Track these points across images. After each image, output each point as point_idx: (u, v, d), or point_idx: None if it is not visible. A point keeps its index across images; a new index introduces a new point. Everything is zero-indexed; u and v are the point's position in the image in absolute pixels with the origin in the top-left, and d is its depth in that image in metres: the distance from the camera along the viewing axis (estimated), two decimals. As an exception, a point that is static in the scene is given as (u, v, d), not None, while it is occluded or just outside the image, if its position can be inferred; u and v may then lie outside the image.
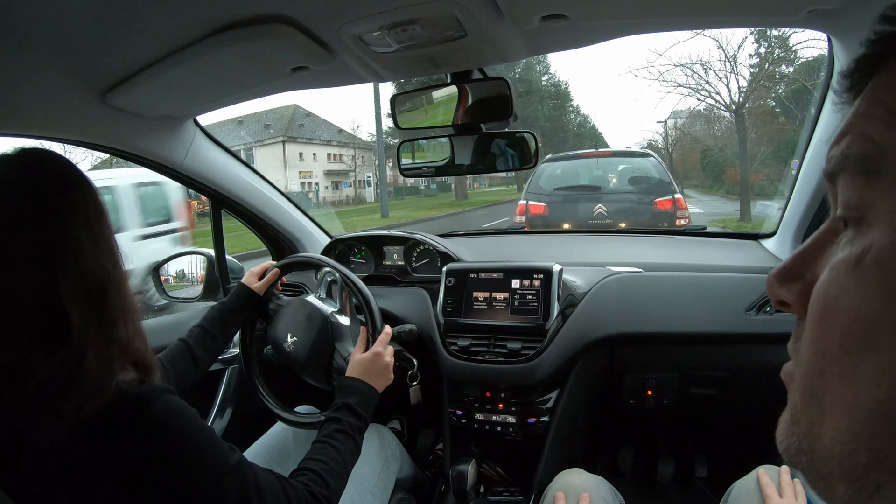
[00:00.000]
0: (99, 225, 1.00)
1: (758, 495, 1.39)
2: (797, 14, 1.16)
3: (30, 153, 0.99)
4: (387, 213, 26.02)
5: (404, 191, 43.03)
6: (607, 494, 1.51)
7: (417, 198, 41.56)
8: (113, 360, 0.93)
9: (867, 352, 0.34)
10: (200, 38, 1.20)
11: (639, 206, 8.13)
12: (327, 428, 1.39)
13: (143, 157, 1.83)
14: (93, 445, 0.88)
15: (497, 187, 49.43)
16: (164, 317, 2.36)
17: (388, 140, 36.94)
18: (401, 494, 1.92)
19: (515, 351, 1.88)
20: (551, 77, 44.30)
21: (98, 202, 1.02)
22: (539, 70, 41.64)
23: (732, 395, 1.99)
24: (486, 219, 21.55)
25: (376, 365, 1.60)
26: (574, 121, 48.32)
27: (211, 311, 1.81)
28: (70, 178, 0.99)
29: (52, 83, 1.34)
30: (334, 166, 44.43)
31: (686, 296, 1.93)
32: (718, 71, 24.33)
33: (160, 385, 0.98)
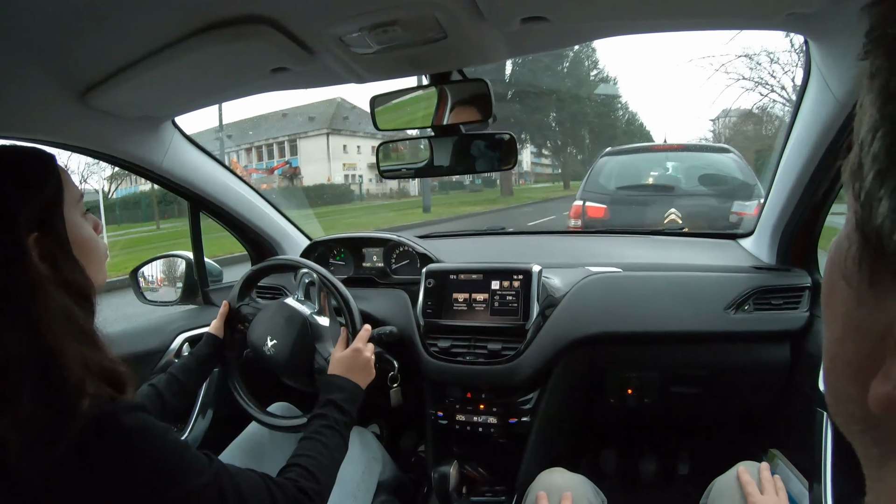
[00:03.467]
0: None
1: (738, 492, 1.40)
2: (776, 17, 1.18)
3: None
4: (429, 208, 25.38)
5: (448, 185, 42.03)
6: (590, 493, 1.52)
7: (462, 193, 40.53)
8: (82, 378, 0.90)
9: (824, 326, 0.41)
10: (181, 38, 1.19)
11: (716, 212, 6.29)
12: (313, 424, 1.39)
13: (122, 159, 1.81)
14: (63, 469, 0.86)
15: (543, 184, 48.25)
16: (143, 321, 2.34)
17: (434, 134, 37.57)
18: (384, 497, 1.91)
19: (496, 352, 1.88)
20: (600, 72, 42.69)
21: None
22: (587, 65, 40.46)
23: (713, 393, 2.00)
24: (531, 216, 20.87)
25: (357, 361, 1.60)
26: (623, 118, 46.93)
27: (181, 361, 1.82)
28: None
29: (29, 83, 1.32)
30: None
31: (666, 295, 1.95)
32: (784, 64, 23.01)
33: (130, 402, 0.96)
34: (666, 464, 2.43)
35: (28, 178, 0.98)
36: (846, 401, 0.38)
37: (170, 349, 2.16)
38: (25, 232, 0.93)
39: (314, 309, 1.84)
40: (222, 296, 2.26)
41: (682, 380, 1.99)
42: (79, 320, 0.95)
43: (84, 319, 0.97)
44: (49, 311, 0.90)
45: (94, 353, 0.95)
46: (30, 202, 0.96)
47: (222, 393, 2.15)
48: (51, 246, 0.96)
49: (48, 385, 0.85)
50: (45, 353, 0.87)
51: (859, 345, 0.36)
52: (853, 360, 0.37)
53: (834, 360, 0.40)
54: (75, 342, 0.91)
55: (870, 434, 0.37)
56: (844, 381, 0.38)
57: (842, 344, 0.38)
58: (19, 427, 0.82)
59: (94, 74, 1.36)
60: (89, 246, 1.08)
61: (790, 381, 1.87)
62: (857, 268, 0.35)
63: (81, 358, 0.91)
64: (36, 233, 0.94)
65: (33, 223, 0.95)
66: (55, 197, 1.01)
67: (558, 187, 42.00)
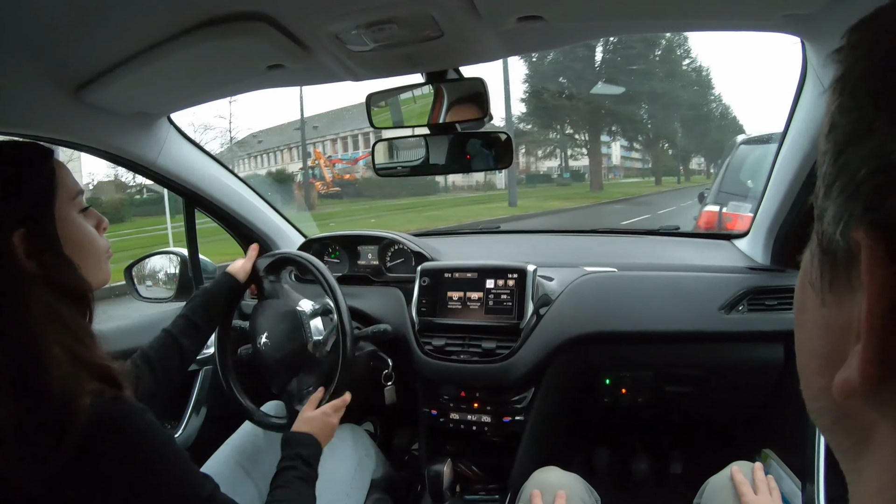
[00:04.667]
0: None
1: (732, 491, 1.40)
2: (771, 18, 1.18)
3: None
4: (515, 202, 24.56)
5: (536, 179, 40.73)
6: (583, 492, 1.52)
7: (549, 186, 39.02)
8: (69, 379, 0.88)
9: (797, 328, 0.46)
10: (176, 34, 1.19)
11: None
12: (286, 475, 1.39)
13: (116, 155, 1.81)
14: (64, 473, 0.85)
15: (632, 178, 46.50)
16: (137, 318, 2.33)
17: (521, 125, 35.35)
18: (377, 495, 1.91)
19: (490, 350, 1.89)
20: (692, 61, 39.55)
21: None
22: (679, 53, 37.72)
23: (706, 393, 2.01)
24: (622, 215, 19.85)
25: (325, 426, 1.59)
26: (716, 109, 44.08)
27: (193, 301, 1.77)
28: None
29: (23, 79, 1.32)
30: None
31: (660, 295, 1.95)
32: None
33: (133, 404, 0.95)
34: (659, 463, 2.43)
35: (13, 174, 0.97)
36: (817, 395, 0.42)
37: None
38: (9, 228, 0.92)
39: (311, 308, 1.84)
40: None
41: (675, 379, 1.99)
42: (66, 319, 0.94)
43: (73, 318, 0.96)
44: (30, 309, 0.89)
45: (86, 351, 0.94)
46: (14, 198, 0.95)
47: (215, 392, 2.15)
48: (38, 243, 0.96)
49: (29, 388, 0.84)
50: (24, 355, 0.86)
51: (825, 341, 0.40)
52: (821, 355, 0.41)
53: (806, 358, 0.44)
54: (63, 341, 0.90)
55: (841, 425, 0.41)
56: (815, 376, 0.41)
57: (812, 343, 0.42)
58: (4, 433, 0.82)
59: (89, 70, 1.36)
60: (85, 243, 1.07)
61: (783, 381, 1.88)
62: (819, 274, 0.40)
63: (71, 357, 0.90)
64: (22, 229, 0.93)
65: (18, 219, 0.94)
66: (44, 193, 1.00)
67: (649, 183, 40.68)
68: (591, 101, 33.78)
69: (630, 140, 42.88)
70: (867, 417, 0.37)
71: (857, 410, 0.38)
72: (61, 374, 0.86)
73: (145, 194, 27.65)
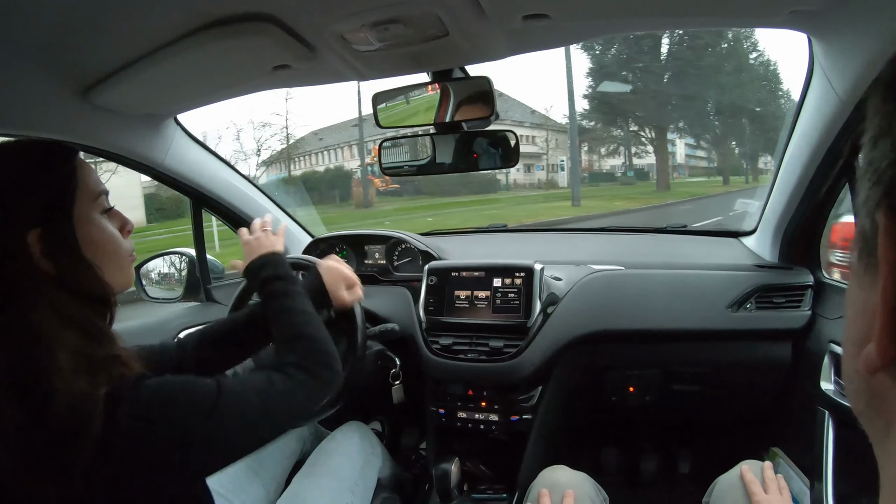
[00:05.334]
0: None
1: (741, 490, 1.40)
2: (778, 15, 1.17)
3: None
4: (578, 202, 22.87)
5: (599, 177, 39.15)
6: (591, 491, 1.52)
7: (613, 185, 37.03)
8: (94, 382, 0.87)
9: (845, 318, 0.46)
10: (183, 35, 1.19)
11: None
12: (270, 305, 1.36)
13: (124, 156, 1.81)
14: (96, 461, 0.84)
15: (697, 178, 42.79)
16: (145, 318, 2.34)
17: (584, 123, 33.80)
18: (384, 493, 1.91)
19: (498, 349, 1.88)
20: (760, 55, 35.85)
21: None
22: (746, 46, 34.58)
23: (714, 391, 2.00)
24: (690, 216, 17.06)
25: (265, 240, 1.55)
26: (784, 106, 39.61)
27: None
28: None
29: (32, 81, 1.32)
30: (526, 148, 39.65)
31: (667, 293, 1.95)
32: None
33: (134, 375, 0.94)
34: (667, 462, 2.43)
35: (31, 173, 0.96)
36: (853, 377, 0.43)
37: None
38: (25, 227, 0.91)
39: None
40: (225, 293, 2.26)
41: (683, 378, 1.99)
42: (80, 321, 0.93)
43: (89, 321, 0.95)
44: (38, 310, 0.89)
45: (100, 350, 0.93)
46: (31, 197, 0.94)
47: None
48: (54, 243, 0.94)
49: (32, 394, 0.84)
50: (27, 356, 0.85)
51: (859, 325, 0.41)
52: (856, 340, 0.41)
53: (846, 344, 0.44)
54: (77, 344, 0.90)
55: (873, 405, 0.41)
56: (851, 360, 0.42)
57: (850, 329, 0.43)
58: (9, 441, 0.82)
59: (97, 72, 1.36)
60: (106, 245, 1.05)
61: (791, 379, 1.87)
62: (857, 258, 0.42)
63: (85, 359, 0.89)
64: (38, 229, 0.92)
65: (34, 218, 0.93)
66: (63, 192, 0.98)
67: (716, 182, 38.00)
68: (658, 96, 32.53)
69: (697, 137, 40.84)
70: (894, 396, 0.39)
71: (884, 389, 0.39)
72: (69, 379, 0.85)
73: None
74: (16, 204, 0.92)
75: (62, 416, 0.83)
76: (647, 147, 36.15)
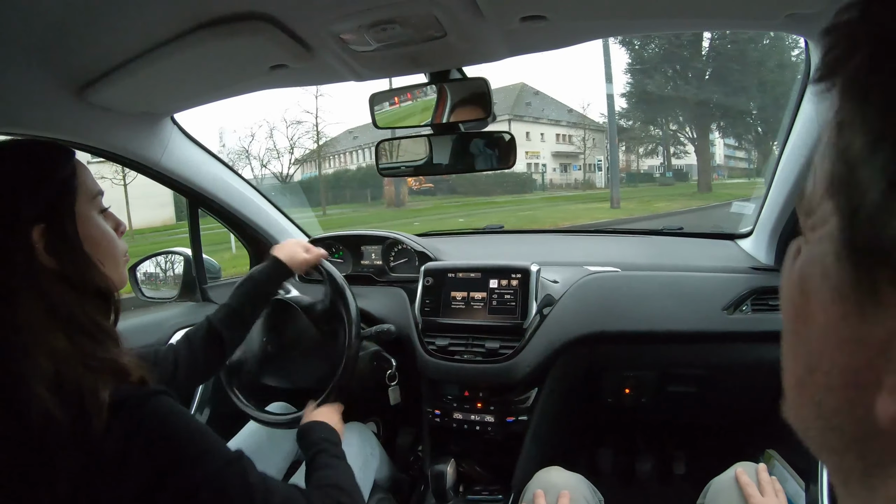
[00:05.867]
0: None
1: (736, 492, 1.40)
2: (776, 18, 1.18)
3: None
4: (618, 203, 22.02)
5: (637, 178, 38.12)
6: (587, 492, 1.52)
7: (651, 186, 36.02)
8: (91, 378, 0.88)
9: (792, 333, 0.44)
10: (180, 34, 1.19)
11: None
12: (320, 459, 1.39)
13: (120, 155, 1.81)
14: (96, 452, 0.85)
15: (737, 179, 40.20)
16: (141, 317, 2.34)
17: (622, 122, 32.70)
18: (380, 494, 1.91)
19: (493, 350, 1.88)
20: (801, 52, 35.16)
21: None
22: (788, 42, 31.76)
23: (709, 393, 2.01)
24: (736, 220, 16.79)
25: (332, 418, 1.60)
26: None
27: (240, 288, 1.71)
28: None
29: (27, 79, 1.32)
30: (563, 147, 40.36)
31: (663, 295, 1.95)
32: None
33: (152, 389, 0.95)
34: (662, 463, 2.43)
35: (36, 170, 0.98)
36: (830, 414, 0.39)
37: (168, 344, 2.16)
38: (29, 223, 0.93)
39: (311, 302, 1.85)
40: (221, 293, 2.26)
41: (679, 379, 1.99)
42: (80, 318, 0.94)
43: (88, 317, 0.96)
44: (36, 304, 0.89)
45: (101, 350, 0.93)
46: (36, 193, 0.95)
47: (219, 391, 2.15)
48: (58, 239, 0.96)
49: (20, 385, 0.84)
50: (17, 351, 0.86)
51: (851, 357, 0.36)
52: (844, 372, 0.37)
53: (813, 373, 0.40)
54: (77, 341, 0.91)
55: (855, 448, 0.38)
56: (829, 394, 0.38)
57: (824, 356, 0.39)
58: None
59: (92, 70, 1.36)
60: (104, 244, 1.06)
61: (787, 381, 1.87)
62: (853, 281, 0.35)
63: (83, 356, 0.90)
64: (42, 225, 0.94)
65: (38, 215, 0.94)
66: (65, 190, 1.00)
67: (755, 184, 35.36)
68: (699, 93, 30.65)
69: (738, 137, 38.43)
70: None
71: (889, 434, 0.34)
72: (63, 376, 0.86)
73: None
74: (21, 199, 0.93)
75: (52, 412, 0.83)
76: (686, 147, 35.46)
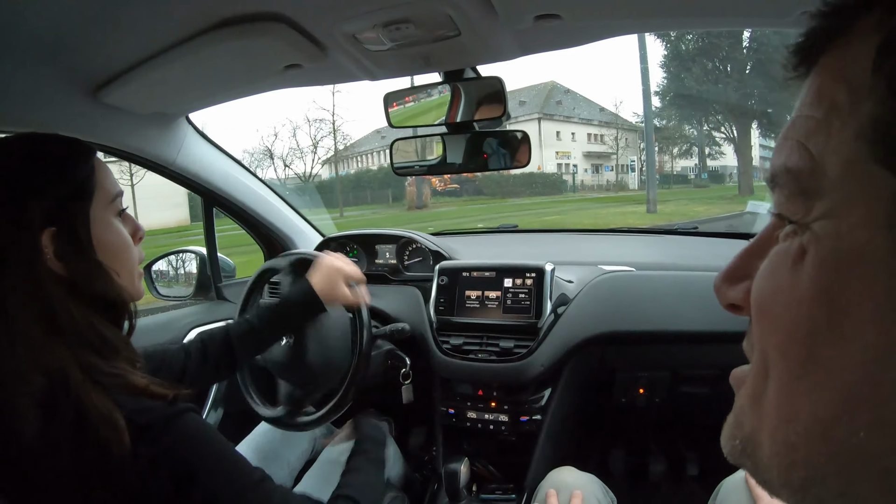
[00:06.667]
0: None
1: (746, 493, 1.39)
2: (789, 15, 1.17)
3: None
4: (654, 207, 20.54)
5: (671, 179, 36.75)
6: (599, 492, 1.51)
7: (686, 188, 35.34)
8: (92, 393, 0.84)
9: (807, 363, 0.34)
10: (194, 35, 1.19)
11: None
12: (358, 459, 1.39)
13: (135, 155, 1.82)
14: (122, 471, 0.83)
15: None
16: (156, 316, 2.35)
17: (656, 121, 31.56)
18: (393, 493, 1.91)
19: (508, 349, 1.88)
20: None
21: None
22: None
23: (723, 394, 1.98)
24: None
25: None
26: None
27: (269, 311, 1.59)
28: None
29: (43, 80, 1.33)
30: (594, 147, 39.72)
31: (678, 295, 1.94)
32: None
33: (179, 406, 0.93)
34: (675, 464, 2.42)
35: (49, 169, 0.93)
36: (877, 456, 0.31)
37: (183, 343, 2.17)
38: (39, 226, 0.89)
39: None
40: (235, 291, 2.27)
41: (692, 380, 1.98)
42: (84, 330, 0.91)
43: (94, 329, 0.92)
44: (32, 315, 0.86)
45: (109, 365, 0.90)
46: (47, 193, 0.91)
47: (232, 389, 2.16)
48: (68, 244, 0.92)
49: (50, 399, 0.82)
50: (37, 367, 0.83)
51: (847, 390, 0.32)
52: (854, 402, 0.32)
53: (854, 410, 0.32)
54: (79, 353, 0.88)
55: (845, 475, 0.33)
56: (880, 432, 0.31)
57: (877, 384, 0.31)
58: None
59: (108, 71, 1.37)
60: (120, 250, 1.02)
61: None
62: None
63: (87, 371, 0.86)
64: (52, 228, 0.90)
65: (49, 217, 0.90)
66: (80, 192, 0.96)
67: None
68: (739, 87, 29.58)
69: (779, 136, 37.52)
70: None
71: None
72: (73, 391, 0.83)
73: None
74: (32, 199, 0.89)
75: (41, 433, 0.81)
76: (721, 147, 34.32)
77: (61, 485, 0.82)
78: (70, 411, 0.82)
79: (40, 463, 0.81)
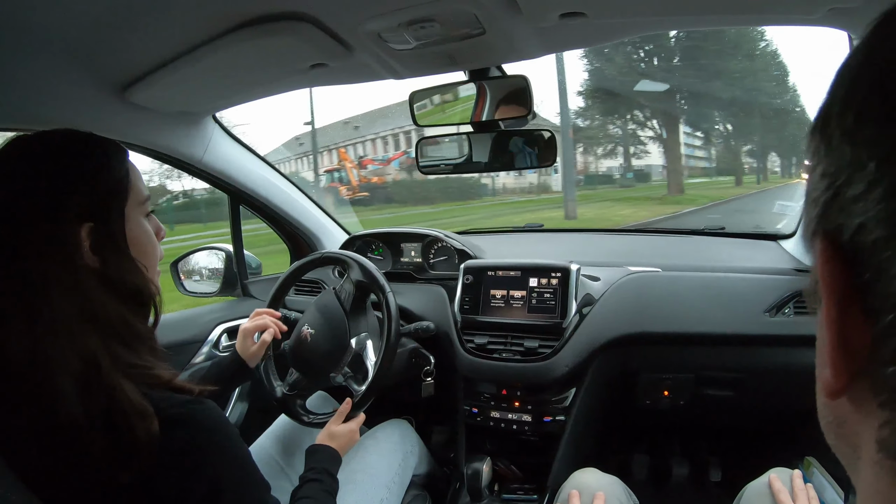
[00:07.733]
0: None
1: (769, 499, 1.37)
2: (817, 12, 1.15)
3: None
4: (574, 214, 18.87)
5: (595, 179, 35.15)
6: (622, 494, 1.50)
7: (611, 188, 33.14)
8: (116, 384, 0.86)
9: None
10: (220, 34, 1.20)
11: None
12: (312, 487, 1.39)
13: (163, 153, 1.84)
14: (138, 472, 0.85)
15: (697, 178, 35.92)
16: (182, 311, 2.37)
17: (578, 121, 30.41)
18: (416, 491, 1.92)
19: (532, 349, 1.88)
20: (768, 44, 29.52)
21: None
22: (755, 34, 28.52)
23: (747, 397, 1.97)
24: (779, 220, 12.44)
25: (350, 442, 1.60)
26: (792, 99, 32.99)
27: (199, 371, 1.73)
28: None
29: (72, 80, 1.35)
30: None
31: (704, 296, 1.92)
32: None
33: (201, 401, 0.94)
34: (698, 468, 2.40)
35: (89, 166, 0.96)
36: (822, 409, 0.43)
37: (208, 339, 2.20)
38: (79, 219, 0.91)
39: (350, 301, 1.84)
40: (261, 288, 2.28)
41: (716, 382, 1.96)
42: (115, 321, 0.93)
43: (123, 320, 0.94)
44: (70, 302, 0.88)
45: (136, 356, 0.93)
46: (86, 189, 0.94)
47: (257, 385, 2.17)
48: (104, 239, 0.94)
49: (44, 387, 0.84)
50: (74, 352, 0.86)
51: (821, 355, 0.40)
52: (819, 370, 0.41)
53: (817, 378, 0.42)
54: (108, 342, 0.90)
55: (841, 434, 0.41)
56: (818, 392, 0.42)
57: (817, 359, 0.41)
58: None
59: (135, 70, 1.38)
60: (148, 249, 1.05)
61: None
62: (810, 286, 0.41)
63: (115, 360, 0.89)
64: (90, 223, 0.93)
65: (89, 211, 0.93)
66: (118, 190, 0.99)
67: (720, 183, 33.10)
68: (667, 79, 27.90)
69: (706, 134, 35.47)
70: (855, 422, 0.38)
71: (846, 414, 0.39)
72: (103, 377, 0.86)
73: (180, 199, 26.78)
74: (75, 193, 0.92)
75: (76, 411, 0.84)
76: (646, 146, 32.67)
77: (87, 465, 0.84)
78: (102, 396, 0.85)
79: (72, 443, 0.83)
